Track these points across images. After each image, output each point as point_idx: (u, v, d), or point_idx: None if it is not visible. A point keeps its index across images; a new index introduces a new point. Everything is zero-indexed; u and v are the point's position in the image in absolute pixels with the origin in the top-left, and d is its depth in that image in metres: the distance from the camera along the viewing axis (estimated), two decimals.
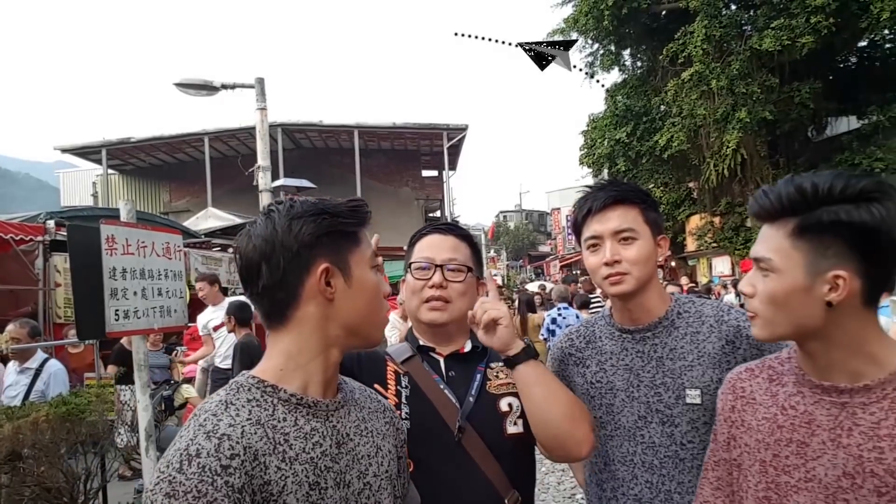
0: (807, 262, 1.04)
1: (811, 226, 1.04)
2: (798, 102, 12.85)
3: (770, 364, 1.23)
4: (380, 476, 1.11)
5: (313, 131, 23.18)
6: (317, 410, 1.04)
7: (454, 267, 1.54)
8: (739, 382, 1.25)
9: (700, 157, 14.29)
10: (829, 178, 1.04)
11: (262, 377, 1.03)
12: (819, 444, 1.07)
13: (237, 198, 21.09)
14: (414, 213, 25.47)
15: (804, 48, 11.70)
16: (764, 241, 1.11)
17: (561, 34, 16.46)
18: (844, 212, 1.01)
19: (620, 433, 1.57)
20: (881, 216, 0.99)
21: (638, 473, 1.53)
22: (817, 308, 1.04)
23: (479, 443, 1.44)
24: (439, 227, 1.63)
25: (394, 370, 1.53)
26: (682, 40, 13.41)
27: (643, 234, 1.55)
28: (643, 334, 1.58)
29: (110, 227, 3.38)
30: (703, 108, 13.04)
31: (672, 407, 1.50)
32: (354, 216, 1.08)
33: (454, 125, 22.89)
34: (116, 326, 3.40)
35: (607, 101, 17.23)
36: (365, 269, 1.09)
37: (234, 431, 0.92)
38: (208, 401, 1.00)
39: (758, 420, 1.18)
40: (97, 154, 22.43)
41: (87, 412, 3.61)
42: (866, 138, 13.50)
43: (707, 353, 1.50)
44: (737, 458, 1.21)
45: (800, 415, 1.11)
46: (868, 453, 1.02)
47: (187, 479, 0.85)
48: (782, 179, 1.11)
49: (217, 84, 5.85)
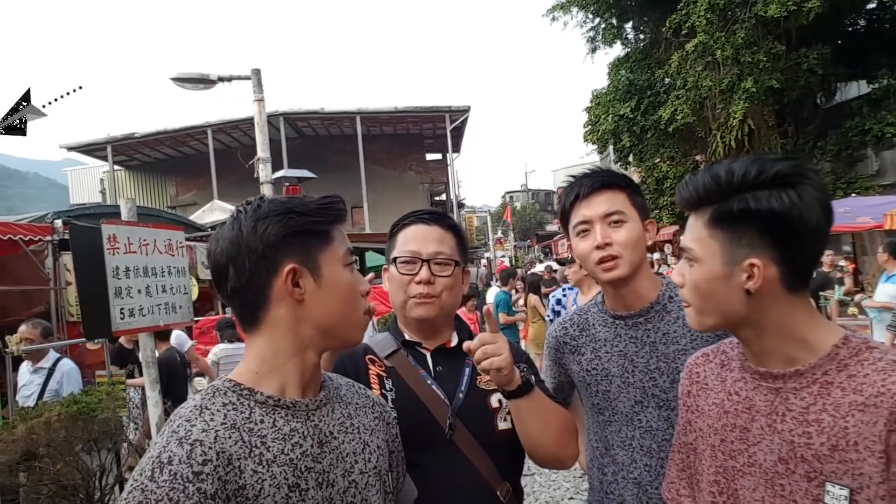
0: (723, 251, 1.05)
1: (724, 214, 1.04)
2: (806, 69, 12.58)
3: (724, 349, 1.24)
4: (367, 473, 1.10)
5: (315, 119, 23.14)
6: (296, 411, 1.03)
7: (441, 261, 1.50)
8: (695, 367, 1.27)
9: (706, 130, 14.07)
10: (745, 164, 1.04)
11: (238, 380, 1.03)
12: (758, 429, 1.08)
13: (243, 189, 21.05)
14: (419, 196, 25.44)
15: (811, 13, 11.43)
16: (688, 230, 1.12)
17: (561, 9, 16.23)
18: (754, 200, 1.01)
19: (618, 418, 1.57)
20: (791, 202, 0.99)
21: (637, 457, 1.53)
22: (738, 296, 1.05)
23: (471, 439, 1.43)
24: (423, 217, 1.58)
25: (376, 373, 1.49)
26: (685, 10, 13.15)
27: (632, 217, 1.54)
28: (636, 320, 1.57)
29: (111, 226, 3.39)
30: (708, 80, 12.82)
31: (668, 391, 1.50)
32: (323, 214, 1.05)
33: (456, 107, 22.77)
34: (122, 325, 3.42)
35: (610, 75, 16.99)
36: (336, 269, 1.06)
37: (207, 437, 0.92)
38: (184, 406, 0.99)
39: (709, 405, 1.19)
40: (103, 151, 22.55)
41: (98, 409, 3.65)
42: (877, 103, 13.22)
43: (700, 336, 1.49)
44: (692, 441, 1.23)
45: (742, 400, 1.12)
46: (798, 438, 1.02)
47: (158, 486, 0.85)
48: (704, 167, 1.12)
49: (214, 77, 5.81)
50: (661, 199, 16.54)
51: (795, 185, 1.00)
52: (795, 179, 1.01)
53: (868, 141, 12.89)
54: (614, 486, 1.58)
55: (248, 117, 20.96)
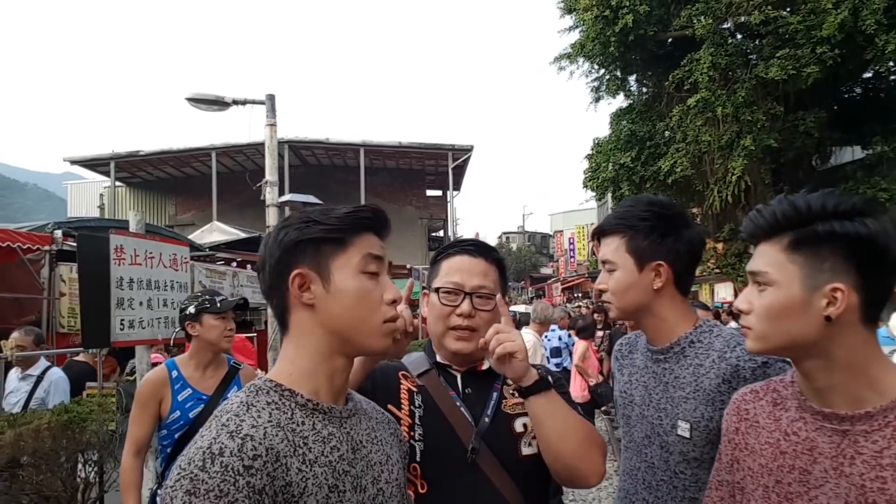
0: (803, 275, 1.04)
1: (806, 238, 1.04)
2: (803, 131, 12.87)
3: (774, 387, 1.21)
4: (391, 483, 1.12)
5: (320, 149, 23.35)
6: (332, 416, 1.06)
7: (484, 294, 1.49)
8: (744, 404, 1.24)
9: (704, 184, 14.30)
10: (823, 195, 1.05)
11: (278, 381, 1.05)
12: (821, 472, 1.05)
13: (242, 212, 21.20)
14: (417, 231, 25.54)
15: (809, 78, 11.77)
16: (760, 256, 1.12)
17: (567, 59, 16.61)
18: (839, 224, 1.02)
19: (632, 447, 1.61)
20: (876, 229, 1.00)
21: (639, 489, 1.56)
22: (815, 322, 1.03)
23: (495, 462, 1.41)
24: (468, 248, 1.56)
25: (407, 388, 1.50)
26: (689, 67, 13.50)
27: (622, 265, 1.57)
28: (657, 356, 1.60)
29: (119, 237, 3.43)
30: (707, 135, 13.09)
31: (668, 434, 1.51)
32: (342, 221, 1.07)
33: (459, 146, 23.03)
34: (121, 336, 3.43)
35: (612, 125, 17.31)
36: (347, 275, 1.06)
37: (257, 432, 0.93)
38: (229, 402, 1.02)
39: (761, 444, 1.16)
40: (105, 166, 22.62)
41: (88, 421, 3.61)
42: (870, 168, 13.51)
43: (703, 389, 1.48)
44: (739, 480, 1.20)
45: (802, 441, 1.09)
46: (871, 483, 1.00)
47: (210, 477, 0.85)
48: (776, 198, 1.12)
49: (228, 100, 5.92)
50: None
51: (873, 216, 1.02)
52: (871, 212, 1.03)
53: None
54: None
55: (252, 142, 21.13)
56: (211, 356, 2.87)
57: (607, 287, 1.59)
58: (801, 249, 1.05)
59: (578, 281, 37.83)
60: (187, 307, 2.85)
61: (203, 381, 2.83)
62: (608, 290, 1.59)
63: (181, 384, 2.78)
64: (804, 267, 1.05)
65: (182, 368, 2.82)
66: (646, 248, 1.56)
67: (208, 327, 2.80)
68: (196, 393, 2.79)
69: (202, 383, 2.82)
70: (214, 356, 2.89)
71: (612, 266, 1.57)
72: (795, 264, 1.05)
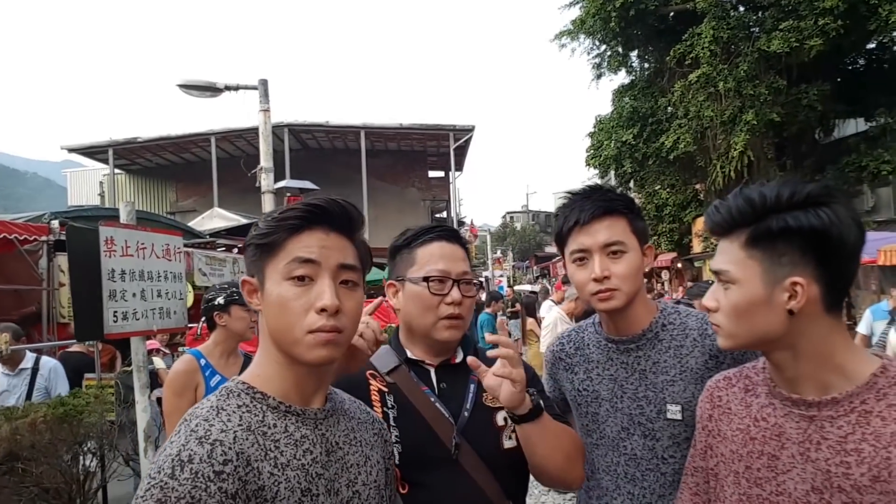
0: (763, 271, 1.05)
1: (762, 234, 1.04)
2: (806, 104, 12.74)
3: (747, 373, 1.22)
4: (368, 485, 1.10)
5: (320, 132, 23.23)
6: (305, 419, 1.04)
7: (468, 280, 1.47)
8: (717, 391, 1.25)
9: (707, 159, 14.19)
10: (777, 186, 1.04)
11: (250, 383, 1.03)
12: (789, 457, 1.06)
13: (244, 198, 21.14)
14: (420, 213, 25.47)
15: (812, 50, 11.61)
16: (721, 253, 1.12)
17: (569, 35, 16.41)
18: (793, 218, 1.01)
19: (605, 443, 1.55)
20: (829, 220, 0.99)
21: (621, 484, 1.52)
22: (779, 317, 1.04)
23: (476, 458, 1.39)
24: (444, 235, 1.51)
25: (377, 389, 1.45)
26: (690, 42, 13.33)
27: (631, 247, 1.50)
28: (627, 346, 1.55)
29: (109, 228, 3.39)
30: (710, 110, 12.96)
31: (654, 421, 1.48)
32: (269, 224, 1.03)
33: (461, 126, 22.89)
34: (115, 328, 3.41)
35: (614, 102, 17.16)
36: (275, 282, 1.02)
37: (227, 437, 0.92)
38: (199, 406, 1.00)
39: (732, 431, 1.17)
40: (104, 154, 22.56)
41: (85, 413, 3.62)
42: (874, 140, 13.37)
43: (689, 368, 1.47)
44: (713, 467, 1.21)
45: (770, 427, 1.10)
46: (836, 468, 1.00)
47: (180, 484, 0.84)
48: (733, 192, 1.12)
49: (220, 86, 5.84)
50: (661, 226, 16.63)
51: (829, 205, 1.01)
52: (827, 200, 1.01)
53: (864, 177, 13.02)
54: None
55: (252, 127, 20.95)
56: (234, 346, 3.00)
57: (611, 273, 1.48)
58: (758, 246, 1.05)
59: None
60: (216, 298, 2.95)
61: (227, 368, 2.94)
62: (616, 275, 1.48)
63: (210, 371, 2.89)
64: (763, 263, 1.05)
65: (209, 357, 2.93)
66: (643, 231, 1.55)
67: (237, 318, 2.93)
68: (225, 379, 2.88)
69: (227, 370, 2.92)
70: (236, 345, 3.02)
71: (622, 247, 1.49)
72: (754, 260, 1.06)
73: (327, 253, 1.03)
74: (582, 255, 1.51)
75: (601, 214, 1.49)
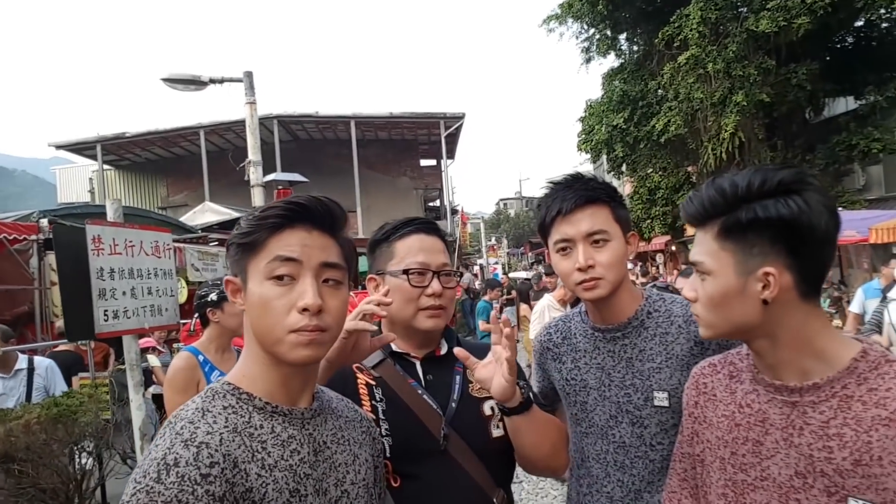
0: (736, 262, 1.05)
1: (733, 225, 1.05)
2: (795, 84, 12.70)
3: (731, 360, 1.23)
4: (357, 484, 1.10)
5: (310, 123, 23.08)
6: (292, 418, 1.03)
7: (448, 272, 1.50)
8: (702, 378, 1.26)
9: (698, 142, 14.17)
10: (748, 175, 1.04)
11: (236, 384, 1.03)
12: (773, 443, 1.07)
13: (235, 191, 20.99)
14: (413, 202, 25.42)
15: (800, 29, 11.56)
16: (697, 244, 1.12)
17: (556, 20, 16.32)
18: (761, 208, 1.01)
19: (594, 431, 1.56)
20: (799, 208, 0.99)
21: (611, 472, 1.53)
22: (754, 306, 1.05)
23: (465, 448, 1.41)
24: (422, 227, 1.53)
25: (364, 382, 1.46)
26: (678, 23, 13.26)
27: (615, 235, 1.49)
28: (613, 334, 1.56)
29: (96, 227, 3.36)
30: (699, 92, 12.92)
31: (641, 408, 1.49)
32: (250, 223, 1.02)
33: (451, 114, 22.79)
34: (106, 327, 3.39)
35: (604, 86, 17.10)
36: (256, 282, 1.01)
37: (213, 439, 0.91)
38: (184, 408, 0.99)
39: (718, 417, 1.18)
40: (92, 150, 22.37)
41: (79, 412, 3.61)
42: (863, 119, 13.36)
43: (675, 355, 1.48)
44: (699, 453, 1.22)
45: (755, 413, 1.11)
46: (818, 453, 1.01)
47: (167, 488, 0.83)
48: (707, 181, 1.12)
49: (205, 79, 5.78)
50: (654, 209, 16.63)
51: (800, 192, 1.01)
52: (799, 186, 1.01)
53: (855, 156, 13.04)
54: (588, 498, 1.58)
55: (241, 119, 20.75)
56: (228, 341, 3.00)
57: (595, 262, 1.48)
58: (729, 237, 1.06)
59: None
60: (208, 294, 2.95)
61: (224, 363, 2.96)
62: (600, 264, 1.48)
63: (209, 366, 2.90)
64: (735, 254, 1.05)
65: (205, 353, 2.94)
66: (626, 219, 1.54)
67: (230, 314, 2.93)
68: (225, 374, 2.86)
69: (224, 366, 2.95)
70: (230, 341, 3.03)
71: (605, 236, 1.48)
72: (727, 251, 1.06)
73: (309, 251, 1.02)
74: (565, 244, 1.51)
75: (583, 203, 1.49)
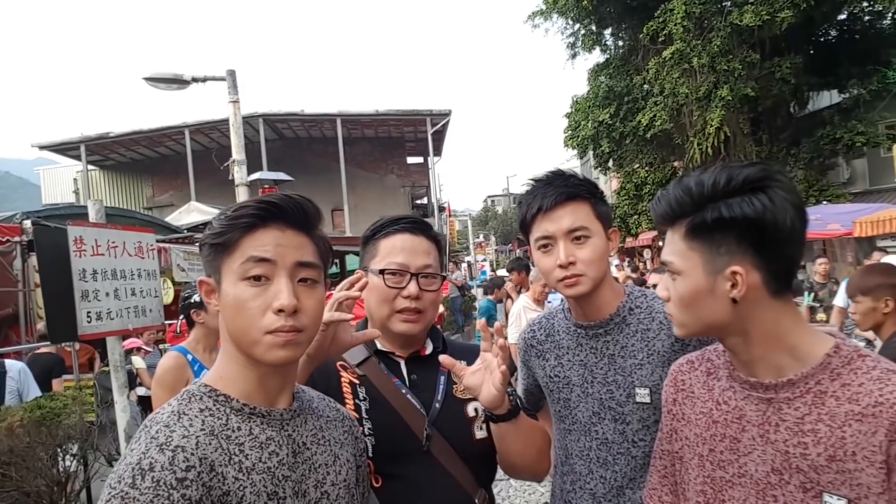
0: (704, 262, 1.05)
1: (699, 226, 1.05)
2: (779, 78, 12.83)
3: (709, 357, 1.23)
4: (337, 485, 1.09)
5: (295, 121, 22.96)
6: (270, 420, 1.02)
7: (429, 274, 1.45)
8: (680, 375, 1.26)
9: (684, 137, 14.28)
10: (714, 173, 1.04)
11: (212, 385, 1.01)
12: (749, 439, 1.07)
13: (222, 190, 20.73)
14: (400, 200, 25.39)
15: (784, 23, 11.67)
16: (667, 244, 1.12)
17: (542, 15, 16.34)
18: (726, 207, 1.01)
19: (577, 428, 1.56)
20: (763, 206, 0.99)
21: (594, 468, 1.53)
22: (724, 305, 1.05)
23: (448, 448, 1.40)
24: (408, 226, 1.49)
25: (348, 381, 1.44)
26: (663, 18, 13.33)
27: (596, 232, 1.49)
28: (596, 331, 1.56)
29: (78, 228, 3.33)
30: (685, 87, 13.01)
31: (623, 405, 1.49)
32: (223, 223, 1.00)
33: (437, 111, 22.73)
34: (89, 328, 3.36)
35: (590, 81, 17.15)
36: (230, 282, 0.99)
37: (189, 443, 0.90)
38: (160, 411, 0.97)
39: (696, 414, 1.18)
40: (76, 150, 22.12)
41: (63, 415, 3.57)
42: (847, 112, 13.53)
43: (657, 352, 1.48)
44: (678, 450, 1.22)
45: (732, 410, 1.11)
46: (794, 449, 1.01)
47: (142, 493, 0.82)
48: (673, 182, 1.12)
49: (188, 77, 5.72)
50: (641, 205, 16.71)
51: (765, 189, 1.00)
52: (764, 184, 1.01)
53: (839, 149, 13.19)
54: (572, 495, 1.58)
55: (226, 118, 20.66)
56: (215, 341, 2.96)
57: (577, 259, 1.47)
58: (696, 237, 1.06)
59: None
60: (191, 296, 2.92)
61: (212, 363, 2.89)
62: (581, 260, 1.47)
63: (198, 366, 2.88)
64: (703, 253, 1.05)
65: (193, 352, 2.92)
66: (607, 215, 1.54)
67: (213, 315, 2.88)
68: None
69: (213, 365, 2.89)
70: (217, 341, 2.98)
71: (586, 233, 1.48)
72: (695, 251, 1.06)
73: (283, 251, 1.00)
74: (546, 241, 1.50)
75: (563, 200, 1.48)
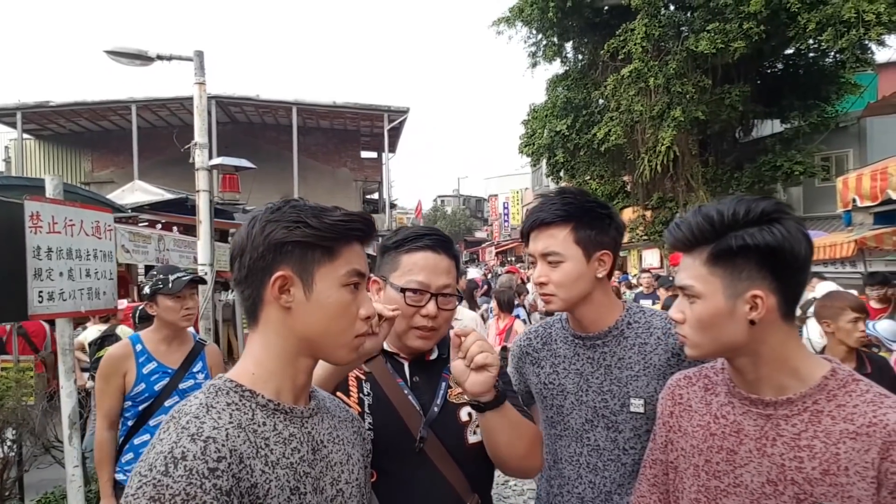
0: (725, 286, 1.13)
1: (722, 252, 1.12)
2: (728, 104, 13.38)
3: (706, 373, 1.30)
4: (351, 484, 1.11)
5: (249, 106, 22.40)
6: (293, 417, 1.04)
7: (447, 293, 1.47)
8: (678, 389, 1.33)
9: (635, 153, 14.71)
10: (733, 204, 1.12)
11: (238, 381, 1.02)
12: (746, 452, 1.15)
13: (167, 170, 20.15)
14: (352, 194, 25.13)
15: (736, 52, 12.19)
16: (685, 269, 1.19)
17: (506, 22, 16.50)
18: (749, 236, 1.09)
19: (569, 434, 1.62)
20: (782, 235, 1.08)
21: (583, 473, 1.59)
22: (742, 327, 1.12)
23: (442, 450, 1.43)
24: (431, 244, 1.49)
25: (355, 375, 1.47)
26: (623, 37, 13.71)
27: (570, 256, 1.56)
28: (594, 342, 1.63)
29: (36, 203, 3.17)
30: (640, 105, 13.42)
31: (617, 413, 1.56)
32: (332, 230, 1.03)
33: (395, 107, 22.64)
34: (40, 308, 3.20)
35: (548, 91, 17.43)
36: (331, 286, 1.04)
37: (220, 434, 0.91)
38: (187, 403, 0.98)
39: (693, 426, 1.25)
40: (12, 117, 20.87)
41: (5, 398, 3.39)
42: (788, 142, 14.25)
43: (653, 365, 1.56)
44: (673, 460, 1.29)
45: (730, 424, 1.19)
46: (790, 462, 1.10)
47: (175, 482, 0.83)
48: (692, 210, 1.19)
49: (152, 55, 5.51)
50: None
51: (780, 221, 1.10)
52: (778, 215, 1.10)
53: (778, 177, 13.88)
54: (559, 499, 1.64)
55: (176, 97, 20.02)
56: (173, 333, 2.89)
57: (549, 280, 1.56)
58: (719, 262, 1.13)
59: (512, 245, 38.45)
60: (144, 286, 2.87)
61: (168, 355, 2.86)
62: (553, 282, 1.56)
63: (146, 357, 2.82)
64: (724, 278, 1.13)
65: (147, 342, 2.85)
66: (593, 239, 1.58)
67: (164, 308, 2.83)
68: (161, 366, 2.84)
69: (168, 357, 2.85)
70: (177, 332, 2.92)
71: (558, 258, 1.55)
72: (716, 276, 1.14)
73: (365, 265, 1.10)
74: (532, 258, 1.64)
75: (540, 224, 1.60)
